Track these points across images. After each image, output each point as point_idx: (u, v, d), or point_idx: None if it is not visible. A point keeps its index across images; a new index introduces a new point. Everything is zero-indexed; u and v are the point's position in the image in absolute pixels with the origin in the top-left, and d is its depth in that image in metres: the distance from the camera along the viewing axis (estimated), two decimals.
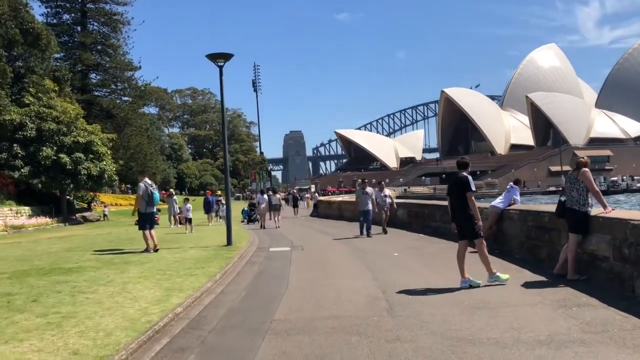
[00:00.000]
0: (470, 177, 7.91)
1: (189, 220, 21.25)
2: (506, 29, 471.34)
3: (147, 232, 13.18)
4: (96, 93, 61.42)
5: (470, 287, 7.62)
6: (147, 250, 13.05)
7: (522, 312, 6.17)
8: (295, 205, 36.23)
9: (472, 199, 7.87)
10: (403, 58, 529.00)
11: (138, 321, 6.15)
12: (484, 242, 8.04)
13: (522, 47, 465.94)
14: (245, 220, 29.48)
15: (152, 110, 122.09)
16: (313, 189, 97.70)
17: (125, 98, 63.56)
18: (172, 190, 27.01)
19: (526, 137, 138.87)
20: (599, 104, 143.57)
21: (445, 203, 9.34)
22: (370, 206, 16.58)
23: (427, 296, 7.34)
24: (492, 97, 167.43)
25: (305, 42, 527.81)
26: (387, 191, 18.02)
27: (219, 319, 6.66)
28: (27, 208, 29.91)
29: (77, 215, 33.07)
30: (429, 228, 16.62)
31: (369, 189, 16.98)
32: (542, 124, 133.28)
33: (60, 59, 57.44)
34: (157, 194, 13.44)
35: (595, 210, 7.62)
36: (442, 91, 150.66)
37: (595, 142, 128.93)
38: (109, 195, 55.18)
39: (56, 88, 32.92)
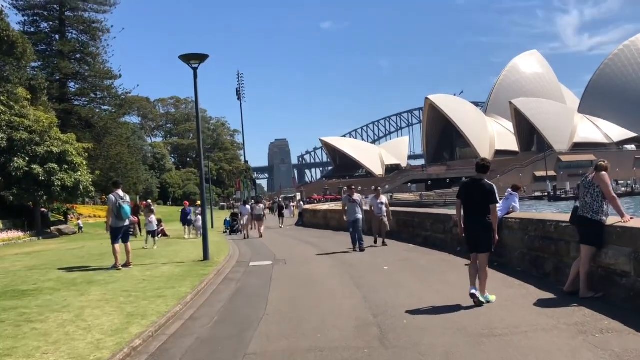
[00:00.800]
0: (495, 186, 7.13)
1: (151, 234, 19.21)
2: (489, 36, 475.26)
3: (117, 246, 12.14)
4: (75, 102, 59.96)
5: (475, 304, 6.78)
6: (115, 266, 12.02)
7: (536, 340, 5.29)
8: (280, 215, 35.13)
9: (496, 211, 7.25)
10: (387, 66, 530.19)
11: None
12: None
13: (505, 54, 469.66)
14: (228, 231, 28.46)
15: (135, 119, 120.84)
16: (298, 197, 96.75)
17: (105, 107, 62.18)
18: (149, 201, 25.77)
19: (510, 143, 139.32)
20: (582, 109, 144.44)
21: (435, 211, 8.61)
22: (359, 215, 14.81)
23: (425, 320, 6.42)
24: (476, 104, 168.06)
25: (290, 50, 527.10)
26: (383, 198, 16.13)
27: (183, 353, 5.70)
28: None
29: (52, 228, 31.67)
30: (419, 237, 15.76)
31: (356, 196, 15.24)
32: (526, 129, 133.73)
33: (38, 68, 56.08)
34: (126, 208, 12.40)
35: (612, 219, 6.76)
36: (426, 98, 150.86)
37: (578, 147, 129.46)
38: (88, 206, 53.74)
39: (29, 96, 31.61)
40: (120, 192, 12.47)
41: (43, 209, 32.28)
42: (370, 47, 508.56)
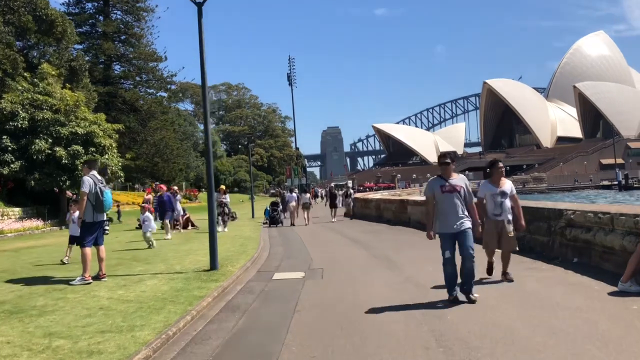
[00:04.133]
0: None
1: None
2: (549, 20, 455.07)
3: (88, 250, 8.75)
4: (119, 85, 58.15)
5: None
6: (83, 279, 8.61)
7: None
8: (333, 205, 26.98)
9: None
10: (442, 52, 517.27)
11: None
12: None
13: (566, 39, 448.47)
14: (268, 222, 24.94)
15: (188, 106, 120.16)
16: (350, 185, 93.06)
17: (150, 90, 60.19)
18: (175, 187, 22.45)
19: (573, 129, 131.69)
20: None
21: (533, 203, 5.50)
22: (467, 222, 6.62)
23: None
24: (536, 89, 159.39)
25: (344, 37, 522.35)
26: (507, 184, 7.80)
27: None
28: (17, 209, 26.08)
29: None
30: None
31: (458, 179, 6.78)
32: (590, 115, 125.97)
33: (82, 50, 54.44)
34: (108, 194, 9.02)
35: None
36: (485, 82, 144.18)
37: None
38: (128, 193, 51.83)
39: (54, 72, 28.93)
40: (96, 173, 9.06)
41: (70, 195, 29.71)
42: (425, 34, 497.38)
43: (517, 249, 8.04)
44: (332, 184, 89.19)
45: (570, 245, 9.00)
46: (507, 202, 7.65)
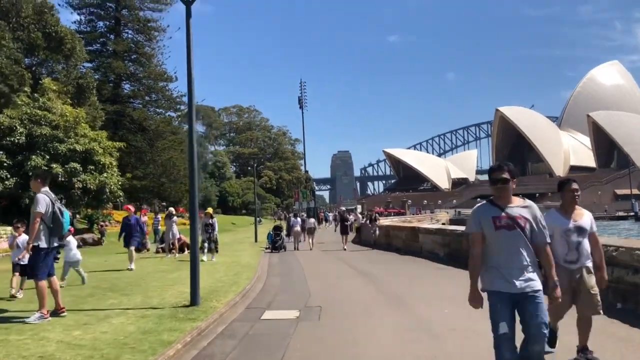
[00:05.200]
0: None
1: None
2: (562, 49, 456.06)
3: (44, 283, 7.50)
4: (128, 104, 57.65)
5: None
6: (42, 316, 7.37)
7: None
8: (344, 232, 24.34)
9: None
10: (453, 79, 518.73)
11: None
12: None
13: (580, 68, 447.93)
14: (270, 248, 23.64)
15: (200, 128, 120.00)
16: (359, 210, 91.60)
17: (159, 110, 59.70)
18: (171, 209, 21.21)
19: (587, 159, 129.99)
20: None
21: None
22: (535, 279, 4.12)
23: None
24: (549, 118, 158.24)
25: (356, 63, 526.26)
26: (587, 217, 5.40)
27: None
28: (10, 228, 25.06)
29: (75, 236, 27.91)
30: None
31: (520, 205, 4.22)
32: (604, 144, 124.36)
33: (91, 68, 54.15)
34: (67, 215, 7.83)
35: None
36: (497, 109, 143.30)
37: None
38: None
39: (55, 87, 28.18)
40: (49, 191, 7.83)
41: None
42: (436, 60, 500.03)
43: (602, 312, 5.29)
44: (343, 208, 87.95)
45: (612, 287, 7.67)
46: (586, 243, 5.27)
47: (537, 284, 4.02)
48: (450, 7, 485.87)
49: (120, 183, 27.98)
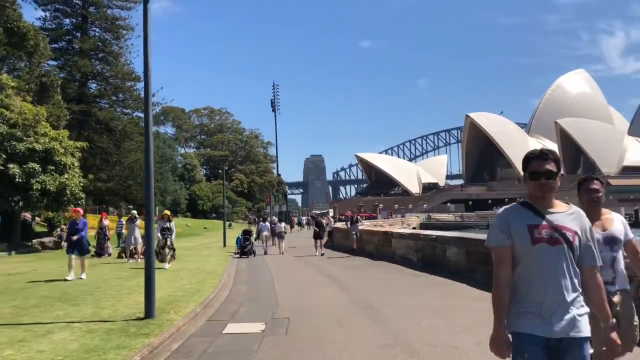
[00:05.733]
0: None
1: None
2: (530, 58, 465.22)
3: None
4: (94, 104, 56.03)
5: None
6: None
7: None
8: (318, 236, 22.37)
9: None
10: (424, 85, 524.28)
11: None
12: None
13: (546, 76, 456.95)
14: (239, 253, 22.81)
15: (169, 130, 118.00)
16: (331, 214, 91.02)
17: (127, 110, 58.16)
18: (134, 212, 20.13)
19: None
20: (632, 132, 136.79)
21: None
22: (582, 316, 2.80)
23: None
24: (517, 125, 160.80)
25: (329, 68, 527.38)
26: (618, 222, 4.09)
27: None
28: None
29: (34, 240, 26.70)
30: None
31: (567, 210, 3.02)
32: (571, 151, 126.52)
33: (56, 66, 52.46)
34: None
35: None
36: (467, 115, 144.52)
37: (628, 171, 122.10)
38: (97, 216, 49.18)
39: (13, 84, 26.91)
40: None
41: (27, 217, 27.43)
42: (408, 66, 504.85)
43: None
44: (315, 212, 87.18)
45: None
46: (621, 258, 4.01)
47: (586, 328, 2.76)
48: (423, 14, 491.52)
49: (82, 184, 26.78)
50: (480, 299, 9.21)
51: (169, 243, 15.84)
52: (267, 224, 26.40)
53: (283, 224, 27.09)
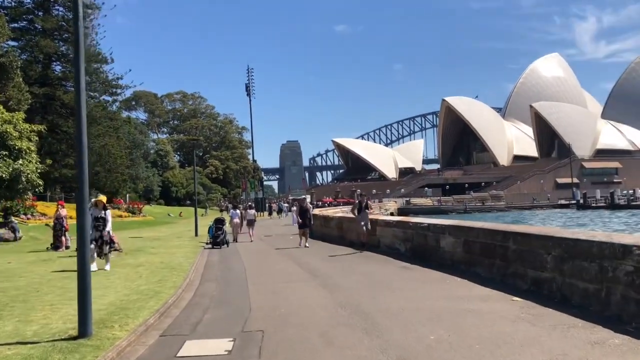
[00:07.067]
0: None
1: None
2: (504, 42, 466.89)
3: None
4: (59, 87, 53.49)
5: None
6: None
7: None
8: (304, 225, 19.45)
9: None
10: (400, 70, 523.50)
11: None
12: None
13: (521, 61, 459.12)
14: (211, 243, 21.14)
15: (141, 115, 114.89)
16: (308, 200, 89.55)
17: (93, 93, 55.67)
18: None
19: (530, 148, 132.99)
20: (605, 115, 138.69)
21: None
22: None
23: None
24: (493, 109, 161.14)
25: (304, 52, 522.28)
26: None
27: None
28: None
29: None
30: (521, 280, 8.49)
31: None
32: (546, 134, 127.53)
33: (18, 47, 49.77)
34: None
35: None
36: (443, 100, 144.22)
37: (601, 154, 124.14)
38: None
39: None
40: None
41: None
42: (384, 51, 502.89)
43: None
44: (290, 198, 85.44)
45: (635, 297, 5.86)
46: None
47: None
48: None
49: (39, 171, 24.80)
50: (487, 299, 7.84)
51: (105, 237, 12.72)
52: (237, 211, 26.44)
53: (253, 211, 27.22)
